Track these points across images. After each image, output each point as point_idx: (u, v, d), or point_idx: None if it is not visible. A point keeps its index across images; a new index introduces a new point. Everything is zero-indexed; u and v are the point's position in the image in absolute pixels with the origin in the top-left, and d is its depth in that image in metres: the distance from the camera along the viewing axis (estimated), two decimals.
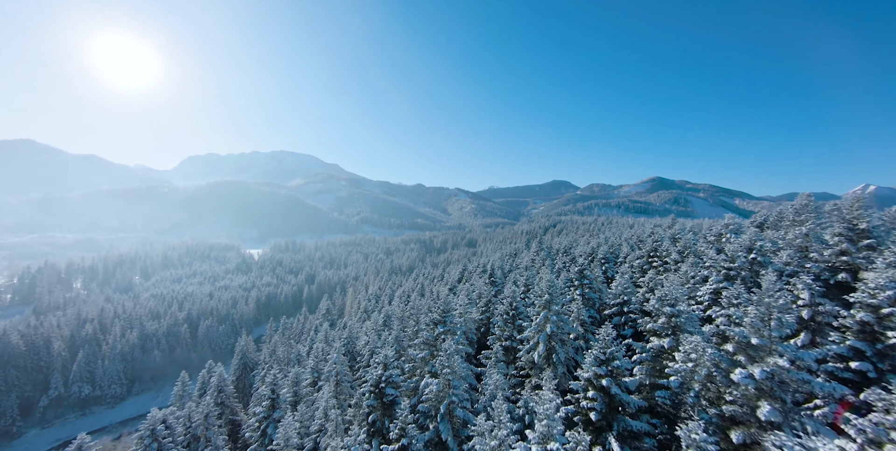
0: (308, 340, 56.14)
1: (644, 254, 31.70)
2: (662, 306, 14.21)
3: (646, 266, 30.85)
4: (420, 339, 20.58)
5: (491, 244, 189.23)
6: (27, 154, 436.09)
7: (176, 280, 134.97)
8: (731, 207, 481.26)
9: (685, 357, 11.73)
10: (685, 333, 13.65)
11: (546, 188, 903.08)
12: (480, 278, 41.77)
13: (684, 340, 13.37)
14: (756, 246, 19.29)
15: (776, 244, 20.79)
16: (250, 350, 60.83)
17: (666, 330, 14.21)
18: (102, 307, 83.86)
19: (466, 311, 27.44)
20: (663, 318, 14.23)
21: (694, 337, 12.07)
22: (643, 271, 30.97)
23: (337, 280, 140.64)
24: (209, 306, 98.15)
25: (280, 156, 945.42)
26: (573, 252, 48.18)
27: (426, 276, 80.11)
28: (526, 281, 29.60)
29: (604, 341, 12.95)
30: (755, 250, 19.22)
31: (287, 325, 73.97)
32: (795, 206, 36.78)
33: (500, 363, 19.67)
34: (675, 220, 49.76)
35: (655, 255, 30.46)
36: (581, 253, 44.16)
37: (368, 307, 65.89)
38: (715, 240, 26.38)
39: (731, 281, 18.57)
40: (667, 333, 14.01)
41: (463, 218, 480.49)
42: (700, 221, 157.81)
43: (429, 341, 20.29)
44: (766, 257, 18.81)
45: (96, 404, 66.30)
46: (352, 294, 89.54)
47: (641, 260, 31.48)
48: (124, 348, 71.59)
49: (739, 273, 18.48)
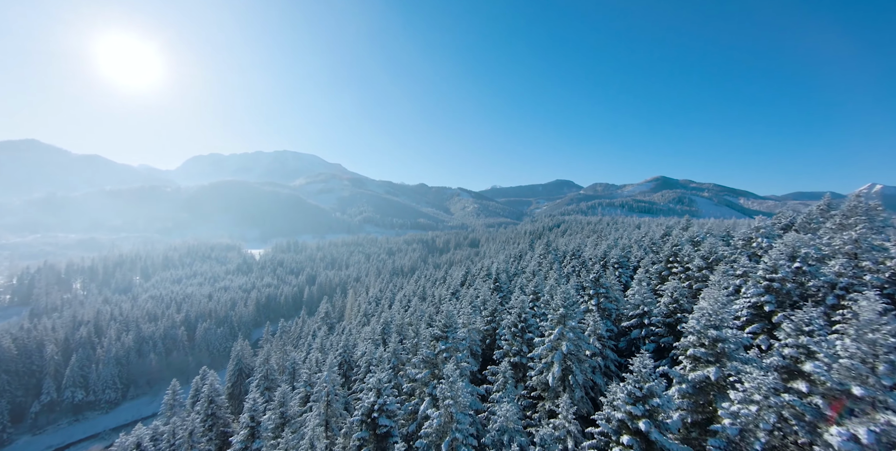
0: (305, 345, 54.14)
1: (662, 259, 29.34)
2: (706, 330, 11.95)
3: (664, 272, 28.51)
4: (419, 357, 18.45)
5: (494, 245, 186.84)
6: (31, 154, 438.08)
7: (176, 281, 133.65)
8: (736, 207, 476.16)
9: (745, 398, 9.53)
10: (733, 361, 11.41)
11: (549, 188, 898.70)
12: (485, 283, 39.53)
13: (734, 370, 11.14)
14: (800, 253, 16.95)
15: (819, 251, 18.43)
16: (246, 356, 58.91)
17: (709, 357, 11.96)
18: (99, 310, 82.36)
19: (470, 321, 25.24)
20: (706, 342, 11.98)
21: (752, 371, 9.85)
22: (662, 277, 28.63)
23: (338, 281, 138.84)
24: (207, 307, 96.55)
25: (283, 156, 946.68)
26: (582, 255, 45.84)
27: (428, 278, 78.00)
28: (535, 288, 27.35)
29: (639, 373, 10.75)
30: (799, 259, 16.87)
31: (285, 328, 72.08)
32: (822, 206, 34.25)
33: (509, 384, 17.46)
34: (690, 221, 47.31)
35: (675, 260, 28.09)
36: (591, 256, 41.83)
37: (368, 311, 63.81)
38: (744, 244, 24.00)
39: (775, 294, 16.24)
40: (710, 360, 11.77)
41: (465, 218, 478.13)
42: (716, 221, 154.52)
43: (429, 360, 18.15)
44: (813, 266, 16.48)
45: (90, 409, 64.72)
46: (352, 296, 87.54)
47: (659, 266, 29.12)
48: (119, 352, 70.00)
49: (784, 286, 16.15)
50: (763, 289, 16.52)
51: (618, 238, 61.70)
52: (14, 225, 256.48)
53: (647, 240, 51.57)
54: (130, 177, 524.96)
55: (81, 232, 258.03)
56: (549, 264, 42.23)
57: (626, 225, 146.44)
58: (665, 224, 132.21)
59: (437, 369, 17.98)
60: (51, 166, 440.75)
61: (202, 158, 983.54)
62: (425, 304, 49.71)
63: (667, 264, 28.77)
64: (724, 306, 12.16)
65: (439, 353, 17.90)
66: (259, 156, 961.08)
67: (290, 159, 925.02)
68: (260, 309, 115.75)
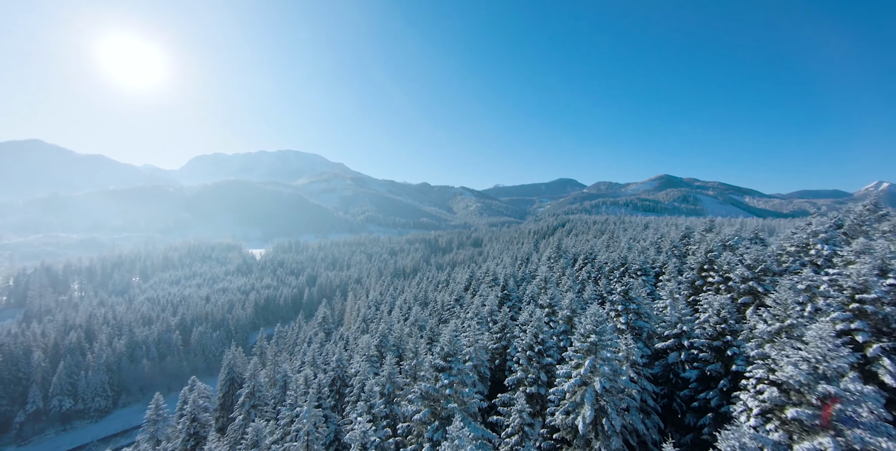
0: (300, 353, 51.09)
1: (695, 266, 25.83)
2: (814, 383, 8.59)
3: (698, 282, 25.02)
4: (418, 390, 15.25)
5: (497, 244, 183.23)
6: (35, 154, 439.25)
7: (174, 282, 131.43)
8: (742, 206, 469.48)
9: None
10: (856, 428, 8.06)
11: (552, 187, 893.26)
12: (491, 291, 36.18)
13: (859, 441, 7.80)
14: (893, 267, 13.49)
15: None
16: (238, 364, 55.98)
17: (813, 419, 8.59)
18: (91, 313, 79.88)
19: (476, 338, 21.96)
20: (813, 400, 8.62)
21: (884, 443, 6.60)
22: (695, 288, 25.15)
23: (339, 282, 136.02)
24: (204, 310, 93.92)
25: (286, 155, 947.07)
26: (596, 259, 42.36)
27: (430, 280, 74.82)
28: (550, 301, 23.98)
29: None
30: (892, 274, 13.41)
31: (282, 333, 69.19)
32: (868, 205, 30.55)
33: (526, 429, 14.17)
34: (713, 221, 43.64)
35: (711, 269, 24.58)
36: (606, 261, 38.34)
37: (368, 316, 60.70)
38: (798, 251, 20.48)
39: (867, 320, 12.81)
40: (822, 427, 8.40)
41: (468, 217, 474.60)
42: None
43: (430, 396, 14.97)
44: None
45: (79, 418, 62.16)
46: (352, 299, 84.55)
47: (691, 274, 25.64)
48: (110, 358, 67.37)
49: (880, 309, 12.71)
50: (851, 313, 13.09)
51: (631, 240, 58.07)
52: (16, 225, 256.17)
53: (665, 242, 47.97)
54: (133, 177, 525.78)
55: (83, 232, 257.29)
56: (560, 269, 38.83)
57: (634, 225, 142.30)
58: (675, 223, 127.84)
59: (439, 407, 14.78)
60: (54, 166, 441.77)
61: (205, 157, 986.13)
62: (427, 310, 46.48)
63: (700, 272, 25.26)
64: (835, 348, 8.78)
65: (441, 388, 14.68)
66: (262, 155, 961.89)
67: (292, 159, 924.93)
68: (258, 311, 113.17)
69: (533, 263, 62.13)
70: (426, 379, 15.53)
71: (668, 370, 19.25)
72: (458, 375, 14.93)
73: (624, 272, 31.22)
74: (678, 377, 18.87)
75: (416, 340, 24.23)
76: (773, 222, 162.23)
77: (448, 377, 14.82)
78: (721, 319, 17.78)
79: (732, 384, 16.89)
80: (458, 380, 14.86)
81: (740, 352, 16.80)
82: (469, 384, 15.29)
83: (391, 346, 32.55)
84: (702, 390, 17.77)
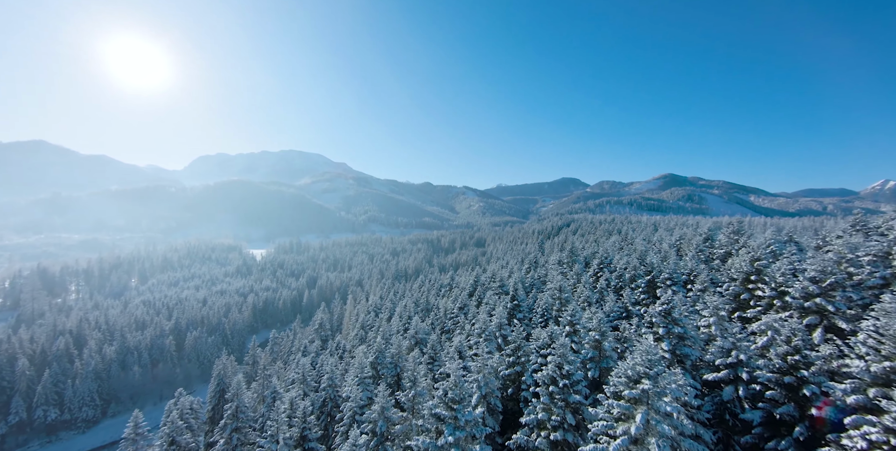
0: (294, 363, 47.82)
1: (738, 276, 22.24)
2: None
3: (744, 296, 21.44)
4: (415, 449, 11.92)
5: (501, 245, 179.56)
6: (39, 155, 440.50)
7: (173, 284, 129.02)
8: (747, 205, 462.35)
9: None
10: None
11: (555, 186, 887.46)
12: (499, 300, 32.73)
13: None
14: None
15: None
16: (229, 374, 52.95)
17: None
18: (82, 318, 77.28)
19: (485, 364, 18.58)
20: None
21: None
22: (740, 303, 21.58)
23: (339, 284, 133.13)
24: (200, 314, 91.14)
25: (289, 155, 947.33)
26: (613, 264, 38.76)
27: (432, 283, 71.52)
28: (571, 318, 20.52)
29: None
30: None
31: (277, 340, 66.14)
32: None
33: None
34: (742, 221, 39.88)
35: (760, 281, 21.00)
36: (626, 267, 34.74)
37: (366, 322, 57.47)
38: (876, 261, 16.89)
39: None
40: None
41: (471, 216, 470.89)
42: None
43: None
44: None
45: (65, 429, 59.43)
46: (351, 303, 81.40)
47: (735, 287, 22.07)
48: (99, 366, 64.59)
49: None
50: None
51: (646, 242, 54.30)
52: (18, 225, 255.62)
53: (687, 245, 44.29)
54: (137, 177, 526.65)
55: (85, 233, 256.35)
56: (575, 275, 35.28)
57: (642, 225, 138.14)
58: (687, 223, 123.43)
59: None
60: (58, 167, 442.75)
61: (209, 157, 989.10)
62: (429, 319, 43.12)
63: (745, 283, 21.67)
64: None
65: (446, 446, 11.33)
66: (265, 155, 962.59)
67: (295, 159, 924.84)
68: (257, 315, 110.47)
69: (541, 266, 58.57)
70: (425, 431, 12.24)
71: (721, 409, 15.74)
72: (465, 427, 11.60)
73: (650, 282, 27.67)
74: (735, 418, 15.37)
75: (416, 364, 20.94)
76: (780, 222, 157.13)
77: (453, 431, 11.50)
78: (793, 348, 14.24)
79: (812, 431, 13.39)
80: (467, 435, 11.54)
81: (822, 392, 13.31)
82: (480, 437, 11.96)
83: (388, 363, 29.24)
84: (770, 437, 14.27)
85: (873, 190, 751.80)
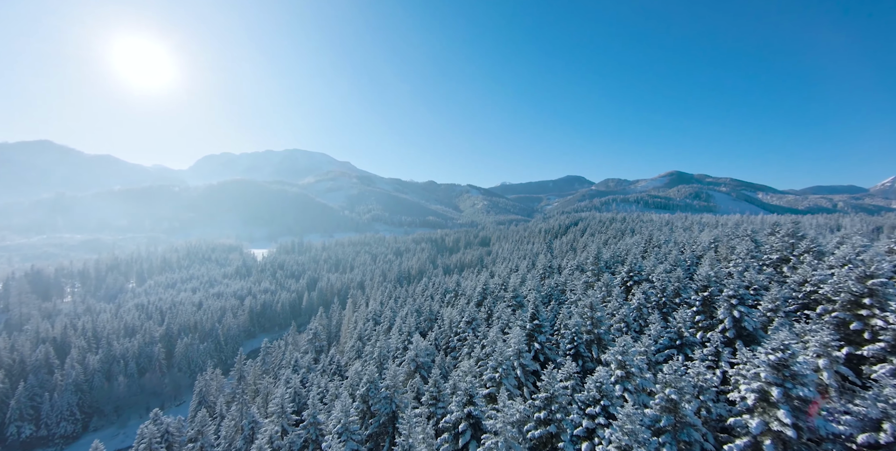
0: (283, 382, 42.96)
1: (841, 299, 16.74)
2: None
3: (855, 325, 15.95)
4: None
5: (507, 244, 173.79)
6: (45, 155, 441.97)
7: (170, 285, 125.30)
8: (756, 202, 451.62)
9: None
10: None
11: (559, 184, 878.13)
12: (515, 319, 27.40)
13: None
14: None
15: None
16: (212, 391, 48.30)
17: None
18: (67, 324, 73.31)
19: (507, 421, 13.42)
20: None
21: None
22: (846, 335, 16.11)
23: (340, 286, 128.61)
24: (193, 319, 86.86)
25: (293, 155, 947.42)
26: (646, 272, 33.23)
27: (436, 287, 66.35)
28: (622, 356, 15.20)
29: None
30: None
31: (269, 349, 61.43)
32: None
33: None
34: (797, 222, 34.06)
35: (876, 305, 15.49)
36: (665, 277, 29.23)
37: (364, 333, 52.53)
38: None
39: None
40: None
41: (475, 215, 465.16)
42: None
43: None
44: None
45: (42, 446, 55.27)
46: (350, 308, 76.56)
47: (840, 313, 16.57)
48: (80, 376, 60.42)
49: None
50: None
51: (675, 244, 48.51)
52: (21, 226, 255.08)
53: (726, 249, 38.62)
54: (142, 177, 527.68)
55: (87, 233, 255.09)
56: (604, 287, 29.82)
57: (655, 224, 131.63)
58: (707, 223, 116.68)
59: None
60: (63, 167, 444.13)
61: (214, 157, 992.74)
62: (431, 335, 37.93)
63: (854, 309, 16.18)
64: None
65: None
66: (269, 155, 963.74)
67: (299, 158, 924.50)
68: (254, 318, 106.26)
69: (556, 271, 53.11)
70: None
71: None
72: None
73: (706, 299, 22.17)
74: None
75: (411, 417, 15.82)
76: (794, 219, 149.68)
77: None
78: None
79: None
80: None
81: None
82: None
83: (381, 398, 24.15)
84: None
85: (883, 187, 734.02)
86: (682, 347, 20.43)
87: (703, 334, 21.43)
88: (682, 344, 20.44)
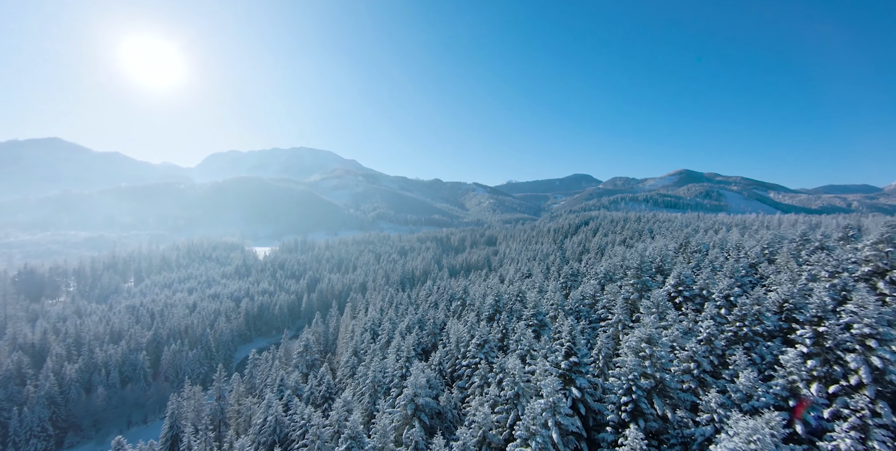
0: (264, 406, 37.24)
1: None
2: None
3: None
4: None
5: (514, 243, 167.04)
6: (53, 152, 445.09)
7: (167, 285, 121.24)
8: (768, 201, 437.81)
9: None
10: None
11: (566, 182, 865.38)
12: (541, 350, 21.22)
13: None
14: None
15: None
16: (187, 414, 42.77)
17: None
18: (46, 329, 68.85)
19: None
20: None
21: None
22: None
23: (341, 287, 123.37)
24: (185, 323, 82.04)
25: (299, 152, 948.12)
26: (694, 286, 26.77)
27: (441, 292, 60.36)
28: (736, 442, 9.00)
29: None
30: None
31: (257, 361, 56.06)
32: None
33: None
34: (861, 219, 27.25)
35: None
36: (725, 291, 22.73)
37: (360, 347, 46.73)
38: None
39: None
40: None
41: (481, 213, 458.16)
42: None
43: None
44: None
45: None
46: (349, 314, 71.03)
47: None
48: (53, 388, 55.67)
49: None
50: None
51: (720, 250, 41.64)
52: (27, 223, 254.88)
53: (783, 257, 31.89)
54: (150, 174, 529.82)
55: (92, 230, 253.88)
56: (655, 305, 23.50)
57: (674, 224, 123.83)
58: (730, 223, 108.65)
59: None
60: (72, 164, 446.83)
61: (221, 155, 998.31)
62: (435, 358, 31.85)
63: None
64: None
65: None
66: (276, 153, 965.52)
67: (306, 156, 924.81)
68: (250, 321, 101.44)
69: (577, 277, 46.62)
70: None
71: None
72: None
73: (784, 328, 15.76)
74: None
75: None
76: (810, 219, 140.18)
77: None
78: None
79: None
80: None
81: None
82: None
83: (370, 449, 18.20)
84: None
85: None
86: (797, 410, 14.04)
87: (821, 386, 14.99)
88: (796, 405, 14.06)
